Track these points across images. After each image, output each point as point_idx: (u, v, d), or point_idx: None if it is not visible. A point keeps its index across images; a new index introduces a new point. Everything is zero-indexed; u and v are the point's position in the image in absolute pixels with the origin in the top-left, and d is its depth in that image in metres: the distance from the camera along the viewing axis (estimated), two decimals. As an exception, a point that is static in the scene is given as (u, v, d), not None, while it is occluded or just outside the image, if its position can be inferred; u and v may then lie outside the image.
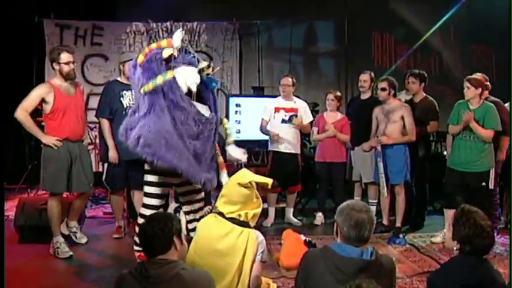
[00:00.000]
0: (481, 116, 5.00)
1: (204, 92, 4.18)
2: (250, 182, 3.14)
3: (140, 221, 4.23)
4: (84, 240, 5.18)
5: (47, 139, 4.75)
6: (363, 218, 2.36)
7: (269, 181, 3.26)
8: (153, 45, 3.96)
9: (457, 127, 5.11)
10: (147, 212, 4.15)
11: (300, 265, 2.51)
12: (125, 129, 3.96)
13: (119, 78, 5.48)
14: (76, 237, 5.13)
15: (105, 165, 5.49)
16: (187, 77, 3.89)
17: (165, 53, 3.89)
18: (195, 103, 4.03)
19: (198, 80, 3.94)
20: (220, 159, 4.31)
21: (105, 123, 5.23)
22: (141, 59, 3.90)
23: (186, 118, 3.89)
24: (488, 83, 5.32)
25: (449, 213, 5.33)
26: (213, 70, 4.20)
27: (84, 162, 4.93)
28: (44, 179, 4.81)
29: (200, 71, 4.03)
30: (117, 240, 5.38)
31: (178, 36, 3.96)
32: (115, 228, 5.54)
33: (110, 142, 5.17)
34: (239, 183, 3.14)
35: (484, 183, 5.04)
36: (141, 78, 3.89)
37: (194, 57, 4.15)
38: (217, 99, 4.34)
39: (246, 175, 3.22)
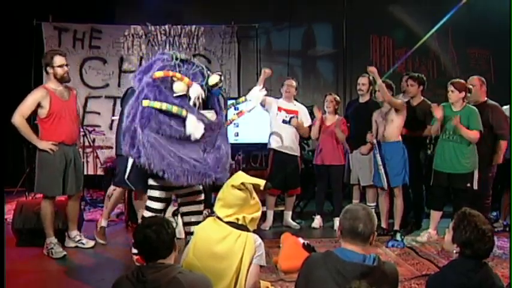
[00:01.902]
0: (466, 118, 5.16)
1: (209, 96, 4.21)
2: (243, 184, 3.14)
3: None
4: (91, 243, 5.13)
5: (43, 144, 4.75)
6: (359, 211, 2.41)
7: (261, 182, 3.24)
8: (178, 75, 3.91)
9: (434, 126, 5.33)
10: (150, 214, 4.17)
11: (300, 269, 2.51)
12: (129, 142, 3.93)
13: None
14: (84, 244, 5.09)
15: (130, 161, 5.33)
16: (193, 127, 3.91)
17: (177, 89, 3.90)
18: (203, 112, 4.05)
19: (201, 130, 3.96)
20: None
21: None
22: (159, 74, 3.88)
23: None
24: (471, 86, 5.43)
25: (434, 215, 5.40)
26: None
27: (77, 165, 4.98)
28: (40, 182, 4.82)
29: (214, 85, 4.07)
30: (115, 243, 5.35)
31: (196, 90, 3.95)
32: (98, 229, 5.32)
33: None
34: (232, 185, 3.15)
35: (468, 185, 5.19)
36: (146, 91, 3.89)
37: (203, 69, 4.15)
38: (220, 99, 4.34)
39: (238, 177, 3.23)
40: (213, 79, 4.04)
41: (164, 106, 3.81)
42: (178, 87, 3.89)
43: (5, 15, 4.61)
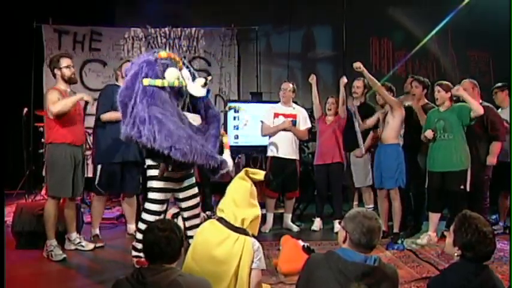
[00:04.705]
0: (456, 113, 5.23)
1: (195, 101, 4.22)
2: (246, 172, 3.24)
3: (141, 225, 4.22)
4: (91, 246, 5.13)
5: (79, 95, 4.83)
6: (374, 225, 2.40)
7: (262, 172, 3.35)
8: (178, 58, 3.99)
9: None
10: (149, 217, 4.16)
11: (301, 270, 2.52)
12: (130, 123, 3.84)
13: (116, 83, 5.47)
14: (83, 246, 5.09)
15: (99, 167, 5.38)
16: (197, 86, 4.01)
17: (169, 76, 3.94)
18: (187, 114, 4.10)
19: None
20: (225, 139, 4.31)
21: (112, 113, 5.03)
22: (164, 55, 3.91)
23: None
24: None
25: (433, 217, 5.40)
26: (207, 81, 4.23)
27: (83, 167, 5.03)
28: (51, 184, 4.84)
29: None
30: (114, 245, 5.35)
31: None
32: (92, 238, 5.34)
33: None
34: (238, 177, 3.25)
35: (462, 187, 5.20)
36: (146, 70, 3.88)
37: (190, 71, 4.18)
38: (210, 107, 4.35)
39: (243, 171, 3.34)
40: (198, 82, 4.07)
41: (166, 82, 3.83)
42: (170, 75, 3.90)
43: (5, 17, 4.61)
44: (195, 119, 4.17)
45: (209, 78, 4.38)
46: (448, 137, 5.25)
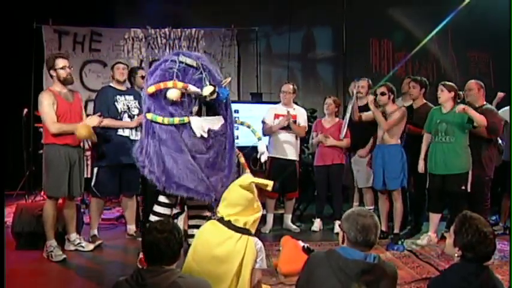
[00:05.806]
0: (459, 116, 5.14)
1: (215, 102, 4.25)
2: (251, 184, 3.16)
3: (152, 218, 4.26)
4: (91, 246, 5.12)
5: (90, 121, 4.87)
6: (369, 222, 2.42)
7: (269, 183, 3.27)
8: (170, 84, 4.02)
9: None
10: (161, 209, 4.30)
11: (302, 268, 2.53)
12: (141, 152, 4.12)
13: (111, 84, 5.51)
14: (83, 247, 5.07)
15: (95, 169, 5.42)
16: (198, 126, 4.10)
17: (171, 96, 4.01)
18: (205, 119, 4.19)
19: (207, 128, 4.13)
20: (242, 160, 4.51)
21: (110, 120, 5.22)
22: (152, 90, 3.98)
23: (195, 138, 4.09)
24: (460, 92, 5.43)
25: (433, 217, 5.39)
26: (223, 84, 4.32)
27: (81, 167, 4.99)
28: (46, 184, 4.84)
29: (208, 95, 4.13)
30: (114, 246, 5.34)
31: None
32: (91, 237, 5.34)
33: (121, 123, 5.33)
34: (240, 185, 3.16)
35: (463, 187, 5.17)
36: (148, 103, 4.08)
37: (201, 73, 4.17)
38: (229, 105, 4.44)
39: (247, 178, 3.25)
40: (206, 90, 4.09)
41: (166, 120, 3.99)
42: (172, 95, 3.98)
43: (5, 17, 4.60)
44: (215, 122, 4.23)
45: (228, 80, 4.46)
46: (449, 140, 5.21)
